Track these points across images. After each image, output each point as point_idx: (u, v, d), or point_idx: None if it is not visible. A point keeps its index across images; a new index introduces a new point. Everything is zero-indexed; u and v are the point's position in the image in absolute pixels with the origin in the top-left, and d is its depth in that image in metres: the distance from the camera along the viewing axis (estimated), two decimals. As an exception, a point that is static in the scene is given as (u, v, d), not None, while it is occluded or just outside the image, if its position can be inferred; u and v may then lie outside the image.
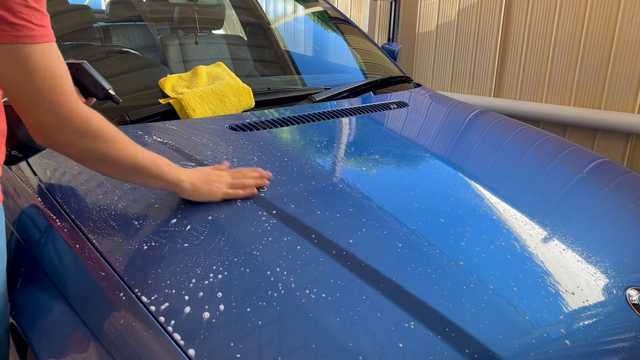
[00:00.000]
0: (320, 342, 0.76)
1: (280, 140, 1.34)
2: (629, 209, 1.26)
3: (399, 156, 1.33)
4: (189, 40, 1.97)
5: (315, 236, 0.95)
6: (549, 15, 3.13)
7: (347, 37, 2.34)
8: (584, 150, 1.62)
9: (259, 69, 2.14)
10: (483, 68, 3.54)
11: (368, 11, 4.17)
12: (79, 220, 0.98)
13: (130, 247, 0.91)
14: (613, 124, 2.93)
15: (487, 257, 0.96)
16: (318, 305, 0.81)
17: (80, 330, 0.85)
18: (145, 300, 0.80)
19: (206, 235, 0.94)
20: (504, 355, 0.78)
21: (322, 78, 2.13)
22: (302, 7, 2.65)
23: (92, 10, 2.04)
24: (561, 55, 3.12)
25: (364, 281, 0.86)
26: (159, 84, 1.55)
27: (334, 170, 1.22)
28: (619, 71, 2.90)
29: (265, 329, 0.76)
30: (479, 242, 1.00)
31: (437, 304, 0.84)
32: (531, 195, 1.24)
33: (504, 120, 1.78)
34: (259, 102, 1.58)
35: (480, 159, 1.43)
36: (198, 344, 0.73)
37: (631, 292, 0.95)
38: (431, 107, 1.84)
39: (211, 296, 0.81)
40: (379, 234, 0.98)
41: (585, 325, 0.87)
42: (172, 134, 1.31)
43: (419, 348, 0.76)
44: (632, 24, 2.80)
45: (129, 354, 0.76)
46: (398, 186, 1.17)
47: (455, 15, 3.65)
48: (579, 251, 1.03)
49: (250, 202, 1.04)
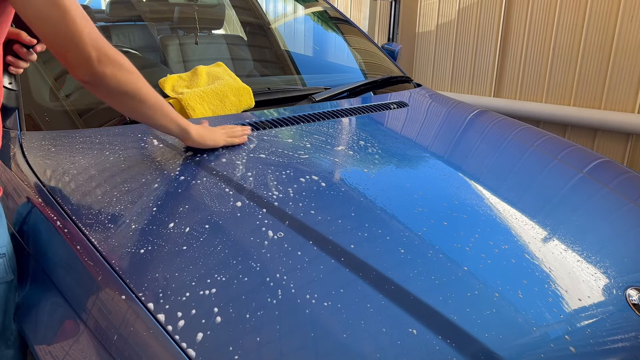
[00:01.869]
0: (320, 343, 0.76)
1: (280, 140, 1.34)
2: (629, 209, 1.26)
3: (399, 156, 1.33)
4: (189, 40, 1.97)
5: (315, 238, 0.95)
6: (549, 15, 3.13)
7: (347, 37, 2.34)
8: (584, 150, 1.62)
9: (259, 69, 2.14)
10: (483, 68, 3.54)
11: (368, 11, 4.17)
12: (79, 220, 0.98)
13: (130, 247, 0.91)
14: (613, 124, 2.93)
15: (487, 256, 0.96)
16: (318, 308, 0.81)
17: (80, 330, 0.85)
18: (145, 300, 0.80)
19: (206, 235, 0.94)
20: (504, 355, 0.78)
21: (322, 78, 2.13)
22: (302, 7, 2.65)
23: (92, 10, 2.04)
24: (561, 55, 3.12)
25: (364, 283, 0.86)
26: (159, 84, 1.55)
27: (334, 170, 1.22)
28: (619, 71, 2.90)
29: (265, 330, 0.76)
30: (480, 243, 1.00)
31: (440, 305, 0.84)
32: (531, 195, 1.24)
33: (504, 120, 1.78)
34: (259, 102, 1.58)
35: (480, 159, 1.43)
36: (198, 344, 0.73)
37: (631, 292, 0.95)
38: (431, 107, 1.84)
39: (211, 296, 0.81)
40: (382, 237, 0.98)
41: (585, 325, 0.87)
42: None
43: (422, 352, 0.76)
44: (632, 24, 2.80)
45: (129, 354, 0.76)
46: (399, 188, 1.17)
47: (455, 15, 3.65)
48: (579, 251, 1.03)
49: (250, 202, 1.04)
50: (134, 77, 1.02)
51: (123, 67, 0.99)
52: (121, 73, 0.98)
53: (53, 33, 0.90)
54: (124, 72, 0.99)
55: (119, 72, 0.98)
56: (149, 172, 1.13)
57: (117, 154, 1.20)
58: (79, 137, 1.28)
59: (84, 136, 1.29)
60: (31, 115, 1.34)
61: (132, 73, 1.01)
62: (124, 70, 0.99)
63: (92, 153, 1.20)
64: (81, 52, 0.92)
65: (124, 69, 0.99)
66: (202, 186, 1.08)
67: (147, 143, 1.27)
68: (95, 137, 1.28)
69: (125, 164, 1.16)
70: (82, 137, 1.28)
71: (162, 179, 1.11)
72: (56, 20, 0.88)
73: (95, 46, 0.93)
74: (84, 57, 0.93)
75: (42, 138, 1.26)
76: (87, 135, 1.29)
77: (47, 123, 1.34)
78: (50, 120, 1.35)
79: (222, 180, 1.11)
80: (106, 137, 1.28)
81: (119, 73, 0.98)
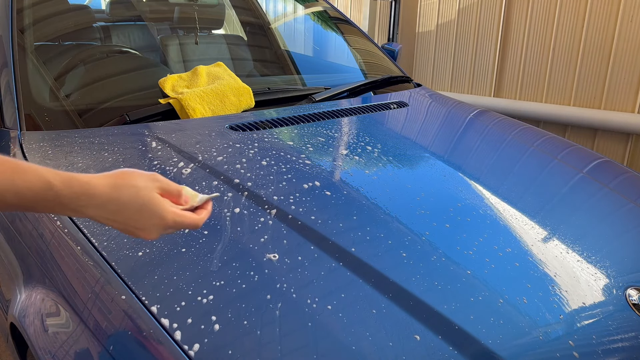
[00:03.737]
0: (320, 343, 0.76)
1: (280, 141, 1.34)
2: (629, 209, 1.26)
3: (400, 157, 1.33)
4: (189, 40, 1.97)
5: (315, 240, 0.95)
6: (549, 15, 3.13)
7: (347, 37, 2.34)
8: (584, 150, 1.62)
9: (259, 69, 2.14)
10: (483, 68, 3.54)
11: (368, 11, 4.16)
12: (79, 220, 0.98)
13: (131, 248, 0.91)
14: (613, 124, 2.93)
15: (490, 260, 0.96)
16: (318, 309, 0.81)
17: (80, 330, 0.85)
18: (145, 301, 0.80)
19: (207, 236, 0.94)
20: (504, 355, 0.78)
21: (322, 78, 2.13)
22: (302, 7, 2.64)
23: (92, 10, 2.04)
24: (561, 55, 3.11)
25: (366, 286, 0.86)
26: (159, 83, 1.55)
27: (334, 171, 1.22)
28: (619, 71, 2.89)
29: (266, 330, 0.76)
30: (482, 246, 1.00)
31: (444, 309, 0.84)
32: (531, 195, 1.24)
33: (504, 120, 1.78)
34: (259, 102, 1.58)
35: (480, 159, 1.43)
36: (198, 344, 0.73)
37: (631, 292, 0.95)
38: (431, 107, 1.84)
39: (212, 297, 0.81)
40: (384, 240, 0.98)
41: (586, 325, 0.87)
42: (172, 134, 1.31)
43: (425, 356, 0.76)
44: (632, 24, 2.80)
45: (129, 354, 0.76)
46: (400, 189, 1.17)
47: (455, 15, 3.65)
48: (579, 251, 1.03)
49: (250, 203, 1.04)
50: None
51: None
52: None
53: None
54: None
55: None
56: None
57: (117, 154, 1.20)
58: (78, 137, 1.28)
59: (83, 136, 1.29)
60: (31, 115, 1.34)
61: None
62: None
63: (91, 153, 1.20)
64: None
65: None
66: (202, 187, 1.08)
67: (146, 143, 1.26)
68: (95, 137, 1.28)
69: (125, 164, 1.16)
70: (82, 137, 1.28)
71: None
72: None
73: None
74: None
75: (42, 138, 1.26)
76: (87, 135, 1.29)
77: (47, 123, 1.34)
78: (50, 120, 1.35)
79: (222, 181, 1.11)
80: (106, 137, 1.28)
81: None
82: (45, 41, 1.65)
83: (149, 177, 0.69)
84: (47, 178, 0.61)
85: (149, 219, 0.67)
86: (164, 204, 0.68)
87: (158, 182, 0.69)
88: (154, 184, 0.68)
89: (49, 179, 0.61)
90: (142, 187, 0.67)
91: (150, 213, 0.67)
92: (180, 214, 0.69)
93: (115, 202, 0.65)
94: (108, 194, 0.65)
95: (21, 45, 1.48)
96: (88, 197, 0.64)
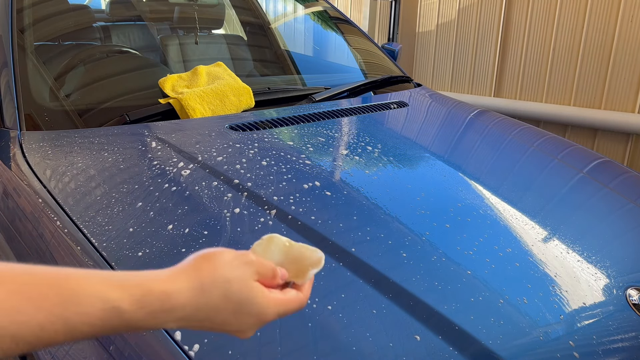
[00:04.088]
0: (320, 343, 0.76)
1: (280, 141, 1.34)
2: (629, 209, 1.26)
3: (400, 157, 1.33)
4: (189, 40, 1.97)
5: (316, 240, 0.95)
6: (549, 15, 3.13)
7: (347, 37, 2.34)
8: (584, 150, 1.62)
9: (259, 69, 2.14)
10: (483, 68, 3.54)
11: (368, 11, 4.16)
12: (79, 220, 0.98)
13: (131, 248, 0.90)
14: (613, 124, 2.93)
15: (491, 260, 0.96)
16: (318, 309, 0.81)
17: (80, 330, 0.85)
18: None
19: (207, 236, 0.94)
20: (504, 355, 0.78)
21: (322, 78, 2.13)
22: (302, 7, 2.64)
23: (92, 10, 2.04)
24: (561, 55, 3.12)
25: (366, 286, 0.86)
26: (159, 83, 1.55)
27: (334, 171, 1.22)
28: (619, 71, 2.89)
29: (265, 330, 0.76)
30: (483, 246, 1.00)
31: (444, 309, 0.84)
32: (531, 195, 1.24)
33: (504, 120, 1.78)
34: (259, 102, 1.58)
35: (481, 159, 1.43)
36: (198, 344, 0.73)
37: (631, 292, 0.95)
38: (431, 107, 1.84)
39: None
40: (384, 240, 0.98)
41: (586, 326, 0.87)
42: (172, 134, 1.31)
43: (425, 356, 0.76)
44: (632, 24, 2.80)
45: (129, 354, 0.76)
46: (401, 189, 1.17)
47: (455, 15, 3.65)
48: (579, 251, 1.03)
49: (250, 203, 1.04)
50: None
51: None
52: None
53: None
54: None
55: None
56: (148, 173, 1.13)
57: (117, 154, 1.20)
58: (78, 137, 1.28)
59: (83, 136, 1.29)
60: (31, 115, 1.34)
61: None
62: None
63: (91, 153, 1.20)
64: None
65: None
66: (202, 187, 1.08)
67: (146, 143, 1.26)
68: (95, 137, 1.28)
69: (125, 164, 1.16)
70: (81, 137, 1.28)
71: (162, 180, 1.11)
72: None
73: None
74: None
75: (42, 138, 1.26)
76: (87, 135, 1.29)
77: (47, 123, 1.34)
78: (50, 120, 1.35)
79: (222, 181, 1.10)
80: (106, 137, 1.28)
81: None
82: (45, 41, 1.65)
83: (240, 262, 0.53)
84: (112, 302, 0.46)
85: (248, 319, 0.52)
86: (263, 297, 0.53)
87: (252, 265, 0.53)
88: (249, 270, 0.53)
89: (116, 303, 0.46)
90: (236, 279, 0.51)
91: (248, 312, 0.52)
92: (283, 304, 0.55)
93: (204, 310, 0.50)
94: (194, 303, 0.49)
95: (21, 45, 1.48)
96: (167, 313, 0.48)
